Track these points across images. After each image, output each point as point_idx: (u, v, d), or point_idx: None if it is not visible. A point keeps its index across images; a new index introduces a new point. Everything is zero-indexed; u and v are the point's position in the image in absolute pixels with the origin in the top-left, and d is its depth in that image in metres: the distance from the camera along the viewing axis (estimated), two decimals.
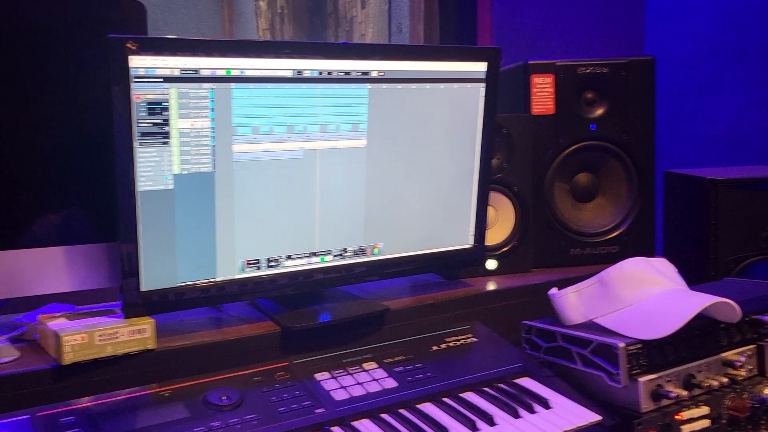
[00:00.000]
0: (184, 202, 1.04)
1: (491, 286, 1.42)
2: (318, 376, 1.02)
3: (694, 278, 1.50)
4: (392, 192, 1.23)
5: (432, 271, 1.43)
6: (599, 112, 1.51)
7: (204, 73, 1.02)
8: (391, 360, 1.10)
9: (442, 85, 1.24)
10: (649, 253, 1.55)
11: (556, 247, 1.53)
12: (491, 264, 1.47)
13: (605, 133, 1.51)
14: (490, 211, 1.45)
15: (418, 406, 0.99)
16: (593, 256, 1.53)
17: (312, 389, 0.98)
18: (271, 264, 1.14)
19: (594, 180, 1.56)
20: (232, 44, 1.05)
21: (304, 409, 0.92)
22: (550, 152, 1.50)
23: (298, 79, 1.09)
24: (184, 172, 1.03)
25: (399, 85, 1.19)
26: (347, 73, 1.13)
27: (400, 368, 1.08)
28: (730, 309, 1.03)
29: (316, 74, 1.10)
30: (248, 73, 1.05)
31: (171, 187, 1.02)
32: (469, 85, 1.26)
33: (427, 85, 1.22)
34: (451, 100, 1.26)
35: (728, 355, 1.08)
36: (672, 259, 1.68)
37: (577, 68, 1.48)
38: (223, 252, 1.09)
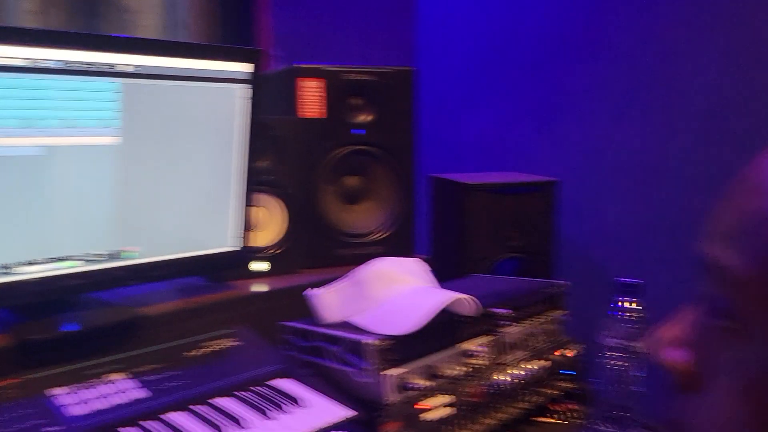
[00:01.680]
0: None
1: (259, 288, 1.42)
2: (54, 391, 0.94)
3: (453, 275, 1.61)
4: (150, 193, 1.18)
5: (197, 274, 1.39)
6: (366, 117, 1.57)
7: None
8: (142, 369, 1.05)
9: (204, 84, 1.21)
10: (411, 253, 1.64)
11: (324, 248, 1.56)
12: (261, 266, 1.47)
13: (371, 138, 1.57)
14: (260, 212, 1.45)
15: (164, 415, 0.96)
16: (360, 257, 1.58)
17: (44, 406, 0.91)
18: (3, 271, 1.03)
19: (362, 183, 1.62)
20: None
21: (31, 428, 0.85)
22: (318, 155, 1.53)
23: (35, 69, 1.00)
24: None
25: (156, 82, 1.14)
26: (95, 65, 1.07)
27: (152, 377, 1.03)
28: (469, 304, 1.13)
29: (58, 65, 1.02)
30: None
31: None
32: (232, 85, 1.25)
33: (188, 83, 1.19)
34: (214, 99, 1.23)
35: (468, 345, 1.17)
36: (436, 258, 1.81)
37: (343, 74, 1.52)
38: None
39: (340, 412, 1.04)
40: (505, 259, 1.72)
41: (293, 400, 1.04)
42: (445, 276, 1.54)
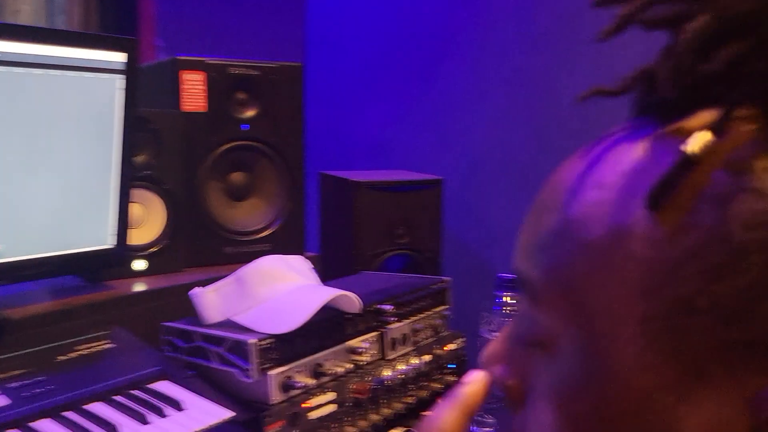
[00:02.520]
0: None
1: (138, 288, 1.36)
2: None
3: (343, 272, 1.61)
4: (14, 187, 1.11)
5: (70, 273, 1.32)
6: (251, 113, 1.53)
7: None
8: (7, 375, 0.98)
9: (73, 74, 1.14)
10: (301, 250, 1.63)
11: (209, 246, 1.52)
12: (139, 264, 1.41)
13: (257, 134, 1.54)
14: (138, 209, 1.39)
15: (31, 423, 0.90)
16: (247, 255, 1.55)
17: None
18: None
19: (248, 179, 1.59)
20: None
21: None
22: (202, 150, 1.48)
23: None
24: None
25: (19, 70, 1.07)
26: None
27: (17, 383, 0.97)
28: (352, 301, 1.13)
29: None
30: None
31: None
32: (105, 75, 1.18)
33: (56, 72, 1.12)
34: (85, 90, 1.17)
35: (353, 342, 1.17)
36: (326, 255, 1.80)
37: (228, 68, 1.48)
38: None
39: (220, 414, 1.01)
40: (393, 256, 1.74)
41: (173, 404, 1.00)
42: (334, 273, 1.54)
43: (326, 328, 1.13)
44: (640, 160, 0.36)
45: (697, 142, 0.33)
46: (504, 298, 1.31)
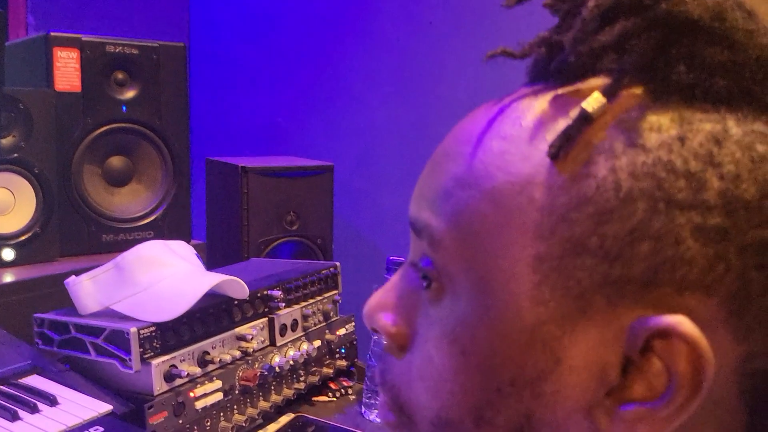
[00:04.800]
0: None
1: (7, 279, 1.27)
2: None
3: (232, 260, 1.58)
4: None
5: None
6: (131, 94, 1.46)
7: None
8: None
9: None
10: (186, 238, 1.57)
11: (86, 234, 1.44)
12: (8, 254, 1.31)
13: (137, 116, 1.47)
14: (5, 194, 1.30)
15: None
16: (128, 242, 1.48)
17: None
18: None
19: (128, 164, 1.51)
20: None
21: None
22: (77, 132, 1.40)
23: None
24: None
25: None
26: None
27: None
28: (239, 286, 1.10)
29: None
30: None
31: None
32: None
33: None
34: None
35: (242, 329, 1.14)
36: (214, 243, 1.76)
37: (105, 46, 1.40)
38: None
39: (97, 407, 0.96)
40: (284, 243, 1.71)
41: (46, 399, 0.94)
42: (223, 261, 1.50)
43: (212, 314, 1.10)
44: (541, 115, 0.39)
45: (594, 101, 0.37)
46: None
